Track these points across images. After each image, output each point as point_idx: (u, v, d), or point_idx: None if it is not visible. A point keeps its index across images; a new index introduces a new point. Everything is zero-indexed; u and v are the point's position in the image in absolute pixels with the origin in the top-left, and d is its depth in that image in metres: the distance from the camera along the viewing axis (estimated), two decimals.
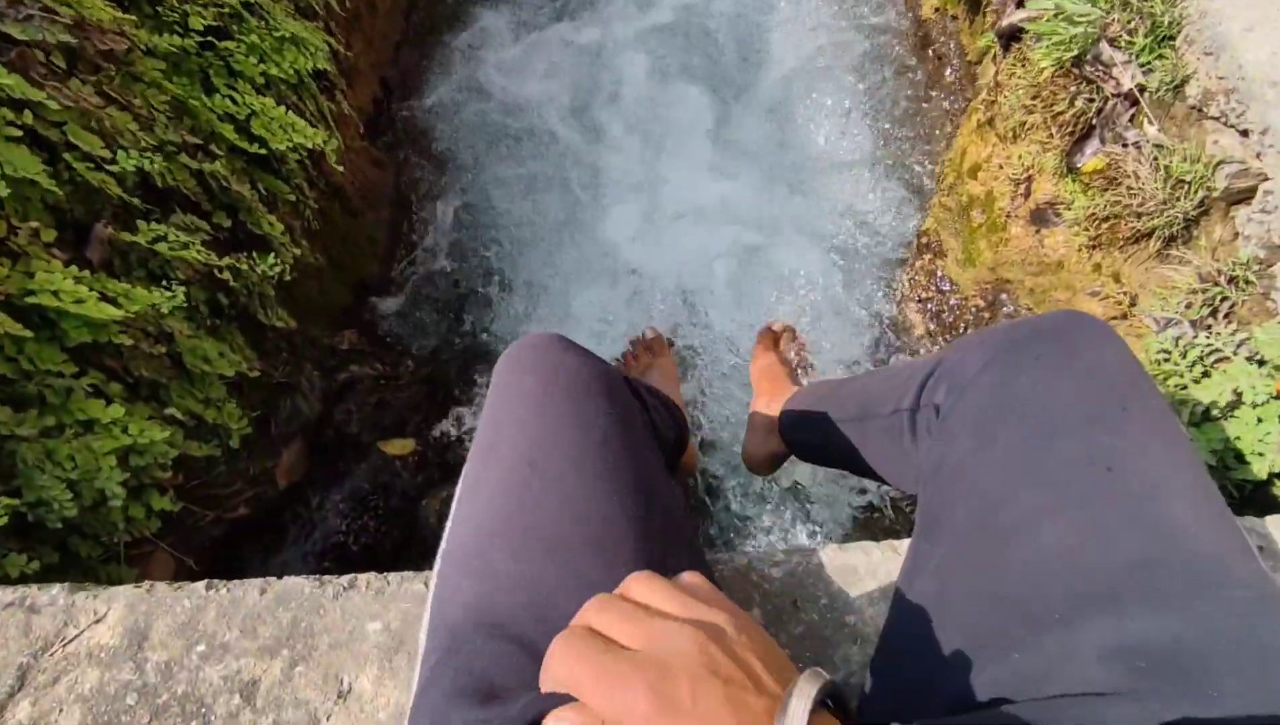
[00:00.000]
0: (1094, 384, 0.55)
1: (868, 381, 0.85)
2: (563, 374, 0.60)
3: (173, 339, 1.10)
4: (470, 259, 2.02)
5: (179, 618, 0.74)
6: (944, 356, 0.69)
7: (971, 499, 0.55)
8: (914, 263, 1.93)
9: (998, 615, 0.48)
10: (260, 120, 1.28)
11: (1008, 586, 0.49)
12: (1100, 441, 0.51)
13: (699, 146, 2.19)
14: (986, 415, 0.58)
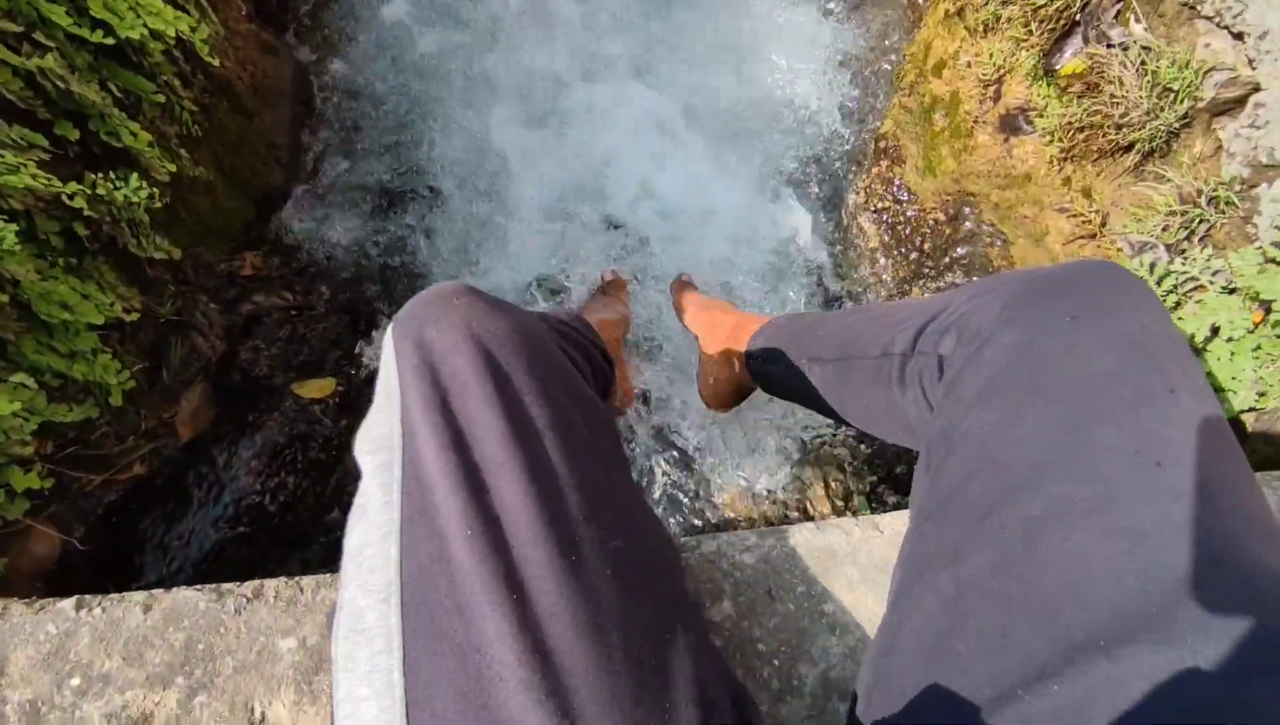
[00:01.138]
0: (1137, 358, 0.48)
1: (851, 318, 0.76)
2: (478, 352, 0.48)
3: (17, 284, 0.91)
4: (386, 160, 1.79)
5: (44, 646, 0.62)
6: (951, 300, 0.61)
7: (990, 479, 0.48)
8: (870, 169, 1.82)
9: (1028, 630, 0.42)
10: (102, 1, 1.03)
11: (1038, 594, 0.43)
12: (1147, 429, 0.45)
13: (636, 40, 1.96)
14: (1011, 382, 0.51)
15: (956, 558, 0.47)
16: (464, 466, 0.44)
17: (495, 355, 0.48)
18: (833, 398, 0.78)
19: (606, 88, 1.92)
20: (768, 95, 1.91)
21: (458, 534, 0.41)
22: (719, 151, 1.86)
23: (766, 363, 0.96)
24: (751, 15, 1.98)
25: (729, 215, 1.79)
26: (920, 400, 0.62)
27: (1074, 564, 0.42)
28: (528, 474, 0.43)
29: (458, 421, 0.45)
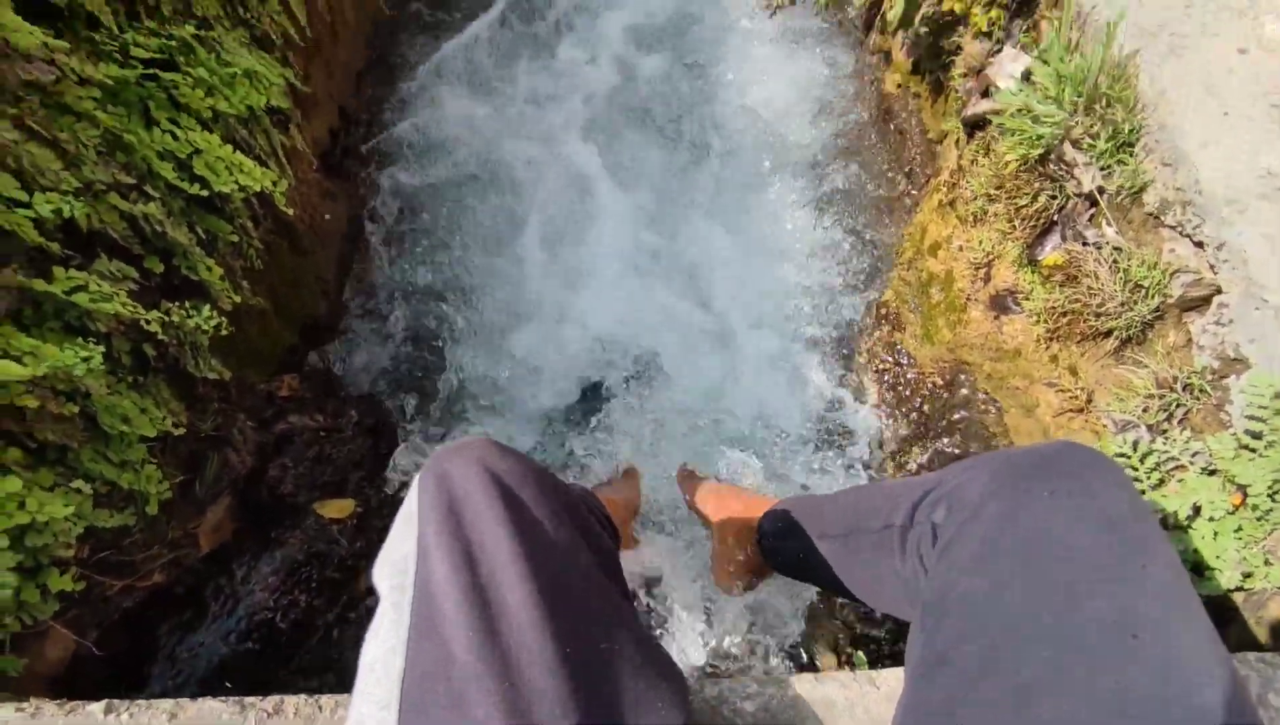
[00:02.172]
0: (1113, 535, 0.54)
1: (855, 496, 0.84)
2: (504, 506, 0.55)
3: (87, 396, 1.00)
4: (424, 301, 1.94)
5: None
6: (943, 477, 0.68)
7: (984, 643, 0.53)
8: (872, 333, 1.94)
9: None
10: (204, 159, 1.19)
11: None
12: (1124, 603, 0.50)
13: (660, 205, 2.17)
14: (997, 550, 0.56)
15: (951, 717, 0.51)
16: (472, 581, 0.49)
17: (507, 483, 0.55)
18: (841, 571, 0.83)
19: (636, 266, 2.08)
20: (779, 264, 2.07)
21: (460, 638, 0.46)
22: (732, 317, 1.99)
23: (777, 542, 1.02)
24: (768, 195, 2.19)
25: (741, 381, 1.89)
26: (918, 567, 0.68)
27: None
28: (532, 583, 0.49)
29: (469, 541, 0.52)
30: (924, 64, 1.90)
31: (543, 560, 0.52)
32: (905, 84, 2.07)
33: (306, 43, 1.89)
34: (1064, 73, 1.36)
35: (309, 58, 2.01)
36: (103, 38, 1.12)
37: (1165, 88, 1.28)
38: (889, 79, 2.13)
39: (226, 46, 1.32)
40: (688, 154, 2.26)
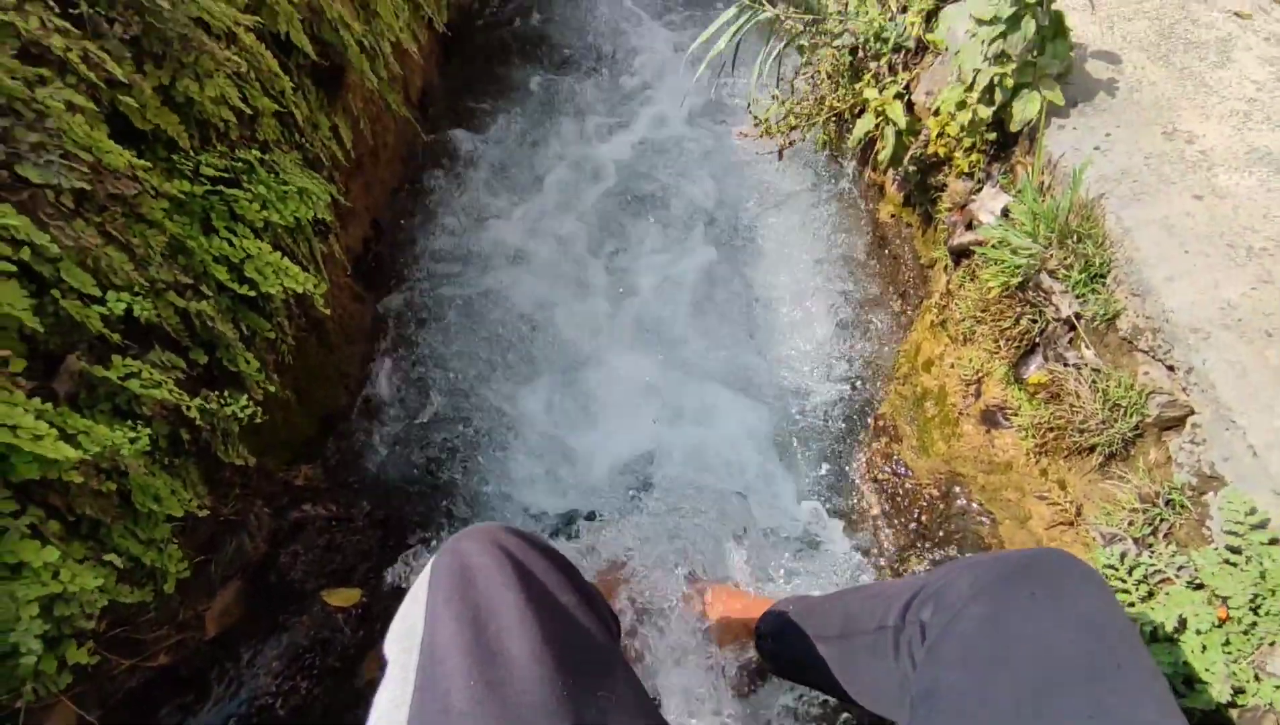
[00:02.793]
0: (1090, 637, 0.58)
1: (850, 598, 0.88)
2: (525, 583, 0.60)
3: (124, 475, 1.07)
4: (440, 401, 2.03)
5: None
6: (930, 579, 0.72)
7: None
8: (871, 444, 2.00)
9: None
10: (254, 263, 1.32)
11: None
12: (1099, 700, 0.54)
13: (665, 324, 2.29)
14: (981, 651, 0.60)
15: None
16: (476, 638, 0.54)
17: (518, 556, 0.61)
18: (838, 672, 0.86)
19: (644, 375, 2.19)
20: (781, 376, 2.16)
21: (459, 689, 0.50)
22: (736, 425, 2.07)
23: (776, 643, 1.05)
24: (770, 312, 2.31)
25: (744, 485, 1.94)
26: (909, 666, 0.72)
27: None
28: (538, 637, 0.53)
29: (478, 605, 0.57)
30: (914, 198, 2.07)
31: (549, 619, 0.57)
32: (898, 214, 2.24)
33: (350, 163, 2.08)
34: (1037, 211, 1.49)
35: (350, 176, 2.21)
36: (179, 158, 1.27)
37: (1130, 227, 1.40)
38: (883, 209, 2.30)
39: (283, 167, 1.48)
40: (693, 269, 2.40)
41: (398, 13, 2.30)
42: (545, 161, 2.78)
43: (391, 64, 2.32)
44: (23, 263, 0.95)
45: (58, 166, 0.98)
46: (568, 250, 2.46)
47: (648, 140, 2.84)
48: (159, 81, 1.26)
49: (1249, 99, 1.57)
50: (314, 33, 1.86)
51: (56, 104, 1.02)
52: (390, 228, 2.56)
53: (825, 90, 2.24)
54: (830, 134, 2.29)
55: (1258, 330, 1.23)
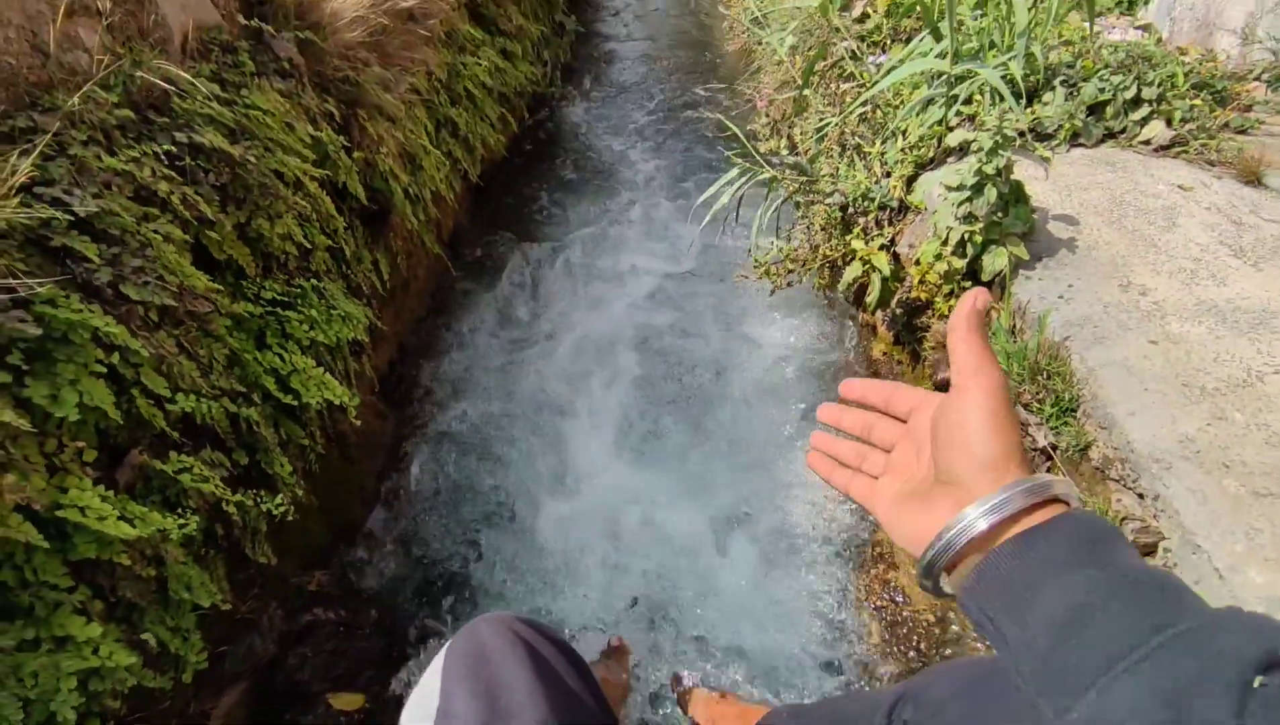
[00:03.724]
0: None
1: (840, 703, 0.93)
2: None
3: (163, 563, 1.15)
4: (450, 517, 2.11)
5: None
6: (911, 682, 0.79)
7: None
8: (869, 571, 2.04)
9: None
10: (299, 377, 1.46)
11: None
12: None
13: (666, 456, 2.40)
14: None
15: None
16: (490, 709, 0.61)
17: (529, 639, 0.69)
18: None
19: (644, 504, 2.29)
20: (780, 503, 2.24)
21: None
22: (737, 548, 2.12)
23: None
24: (771, 444, 2.43)
25: (744, 603, 1.97)
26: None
27: None
28: (548, 711, 0.61)
29: (491, 679, 0.64)
30: (902, 337, 2.24)
31: (557, 696, 0.65)
32: (889, 352, 2.40)
33: (385, 292, 2.29)
34: (1009, 351, 1.64)
35: (385, 303, 2.41)
36: (246, 284, 1.45)
37: (1094, 367, 1.54)
38: (875, 347, 2.47)
39: (331, 294, 1.67)
40: (695, 404, 2.54)
41: (439, 166, 2.61)
42: (559, 303, 3.01)
43: (430, 208, 2.60)
44: (111, 366, 1.10)
45: (153, 287, 1.16)
46: (577, 386, 2.62)
47: (656, 284, 3.08)
48: (237, 220, 1.47)
49: (1194, 258, 1.76)
50: (366, 181, 2.13)
51: (156, 236, 1.21)
52: (414, 352, 2.75)
53: (819, 240, 2.48)
54: (825, 278, 2.51)
55: (1215, 462, 1.33)
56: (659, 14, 6.43)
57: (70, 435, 1.08)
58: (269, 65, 1.73)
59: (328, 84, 1.98)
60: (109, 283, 1.11)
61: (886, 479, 0.49)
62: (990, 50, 2.25)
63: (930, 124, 2.20)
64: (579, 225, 3.51)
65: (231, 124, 1.49)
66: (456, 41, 3.00)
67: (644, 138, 4.31)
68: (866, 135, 2.50)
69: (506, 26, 3.51)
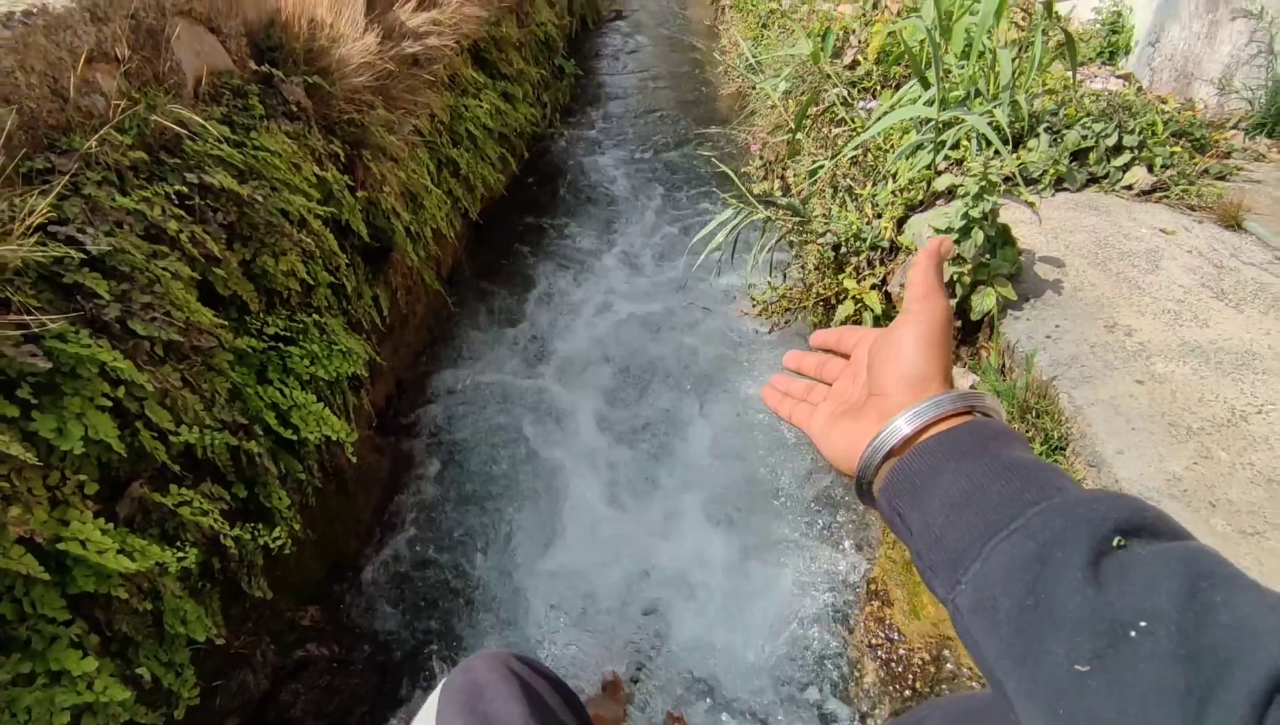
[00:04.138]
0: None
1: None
2: None
3: (159, 598, 1.16)
4: (445, 555, 2.11)
5: None
6: (903, 719, 0.80)
7: None
8: (864, 608, 2.04)
9: None
10: (299, 412, 1.48)
11: None
12: None
13: (660, 498, 2.41)
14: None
15: None
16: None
17: (524, 676, 0.70)
18: None
19: (641, 548, 2.29)
20: (776, 547, 2.24)
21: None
22: (731, 589, 2.12)
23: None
24: (766, 487, 2.44)
25: (737, 641, 1.97)
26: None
27: None
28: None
29: (486, 714, 0.65)
30: None
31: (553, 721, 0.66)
32: None
33: (384, 328, 2.32)
34: (999, 389, 1.67)
35: (383, 338, 2.44)
36: (250, 319, 1.48)
37: (1081, 406, 1.57)
38: None
39: (333, 329, 1.70)
40: (688, 448, 2.56)
41: (440, 205, 2.66)
42: (556, 340, 3.04)
43: (430, 246, 2.65)
44: (117, 400, 1.12)
45: (160, 322, 1.18)
46: (572, 425, 2.64)
47: (651, 321, 3.12)
48: (243, 256, 1.51)
49: (1178, 300, 1.80)
50: (369, 219, 2.18)
51: (165, 273, 1.24)
52: (412, 388, 2.77)
53: (813, 279, 2.53)
54: (819, 316, 2.55)
55: (1202, 500, 1.35)
56: (656, 59, 6.61)
57: (73, 468, 1.09)
58: (278, 108, 1.78)
59: (334, 126, 2.04)
60: (117, 318, 1.13)
61: (824, 404, 0.52)
62: (976, 98, 2.33)
63: (919, 168, 2.27)
64: (577, 263, 3.57)
65: (240, 165, 1.53)
66: (459, 85, 3.09)
67: (641, 177, 4.40)
68: (858, 178, 2.57)
69: (507, 70, 3.61)
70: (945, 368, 0.45)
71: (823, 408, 0.51)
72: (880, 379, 0.46)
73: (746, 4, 5.27)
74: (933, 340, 0.45)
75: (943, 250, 0.47)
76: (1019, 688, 0.33)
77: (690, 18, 7.98)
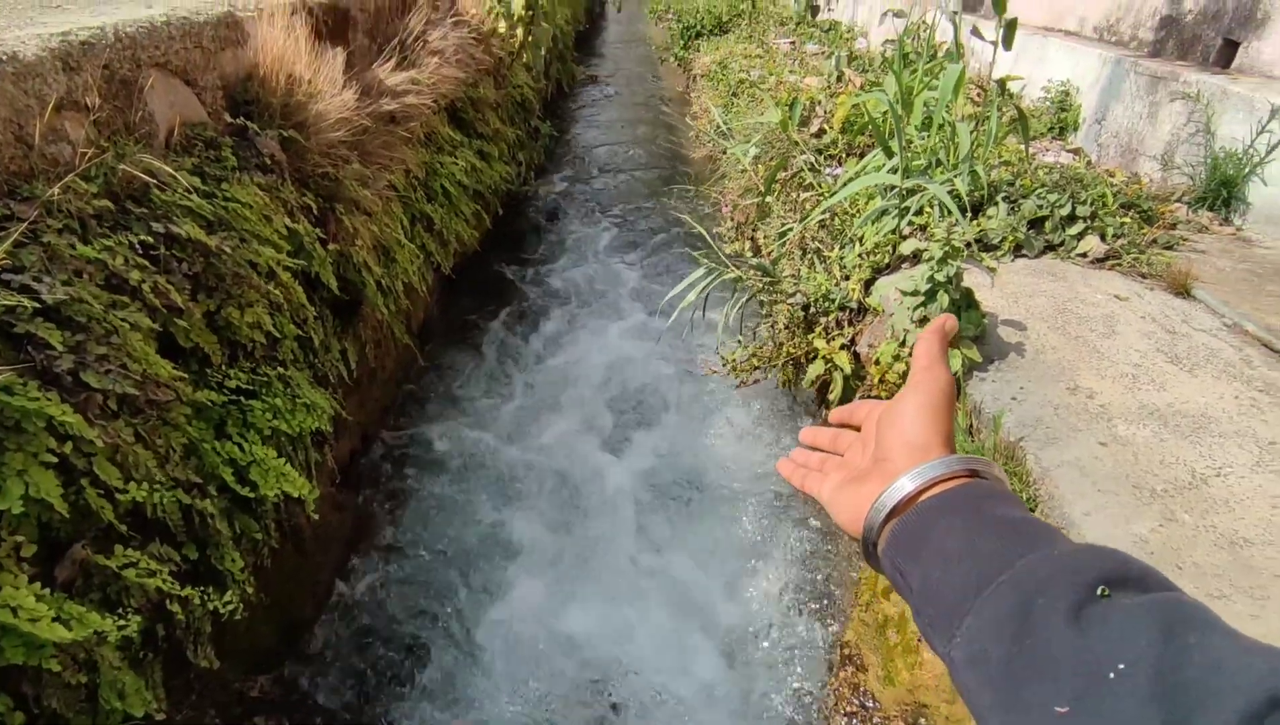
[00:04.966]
0: None
1: None
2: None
3: (96, 670, 1.08)
4: (403, 625, 2.02)
5: None
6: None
7: None
8: (838, 673, 1.99)
9: None
10: (259, 468, 1.43)
11: None
12: None
13: (623, 561, 2.37)
14: None
15: None
16: None
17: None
18: None
19: (605, 610, 2.24)
20: (749, 604, 2.20)
21: None
22: (704, 654, 2.07)
23: None
24: (740, 542, 2.41)
25: (706, 707, 1.90)
26: None
27: None
28: None
29: None
30: None
31: None
32: None
33: (352, 381, 2.27)
34: (967, 449, 1.68)
35: (350, 392, 2.39)
36: (212, 372, 1.44)
37: (1048, 467, 1.59)
38: None
39: (298, 383, 1.66)
40: (665, 502, 2.53)
41: (413, 259, 2.65)
42: (524, 396, 3.02)
43: (401, 299, 2.63)
44: (63, 456, 1.07)
45: (115, 375, 1.14)
46: (535, 484, 2.59)
47: (619, 378, 3.11)
48: (207, 307, 1.47)
49: (1135, 364, 1.85)
50: (340, 272, 2.16)
51: (124, 324, 1.20)
52: (378, 442, 2.70)
53: (783, 338, 2.56)
54: (789, 374, 2.57)
55: (1169, 564, 1.36)
56: (630, 123, 6.80)
57: (10, 528, 1.03)
58: (251, 160, 1.77)
59: (308, 179, 2.03)
60: (69, 370, 1.09)
61: (835, 473, 0.54)
62: (938, 167, 2.43)
63: (885, 232, 2.33)
64: (547, 318, 3.57)
65: (210, 215, 1.51)
66: (436, 142, 3.13)
67: (613, 235, 4.46)
68: (826, 241, 2.64)
69: (484, 129, 3.67)
70: (947, 434, 0.47)
71: (833, 476, 0.53)
72: (885, 445, 0.48)
73: (717, 74, 5.47)
74: (935, 408, 0.47)
75: (947, 327, 0.50)
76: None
77: (663, 85, 8.27)
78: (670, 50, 8.11)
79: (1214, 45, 2.81)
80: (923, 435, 0.46)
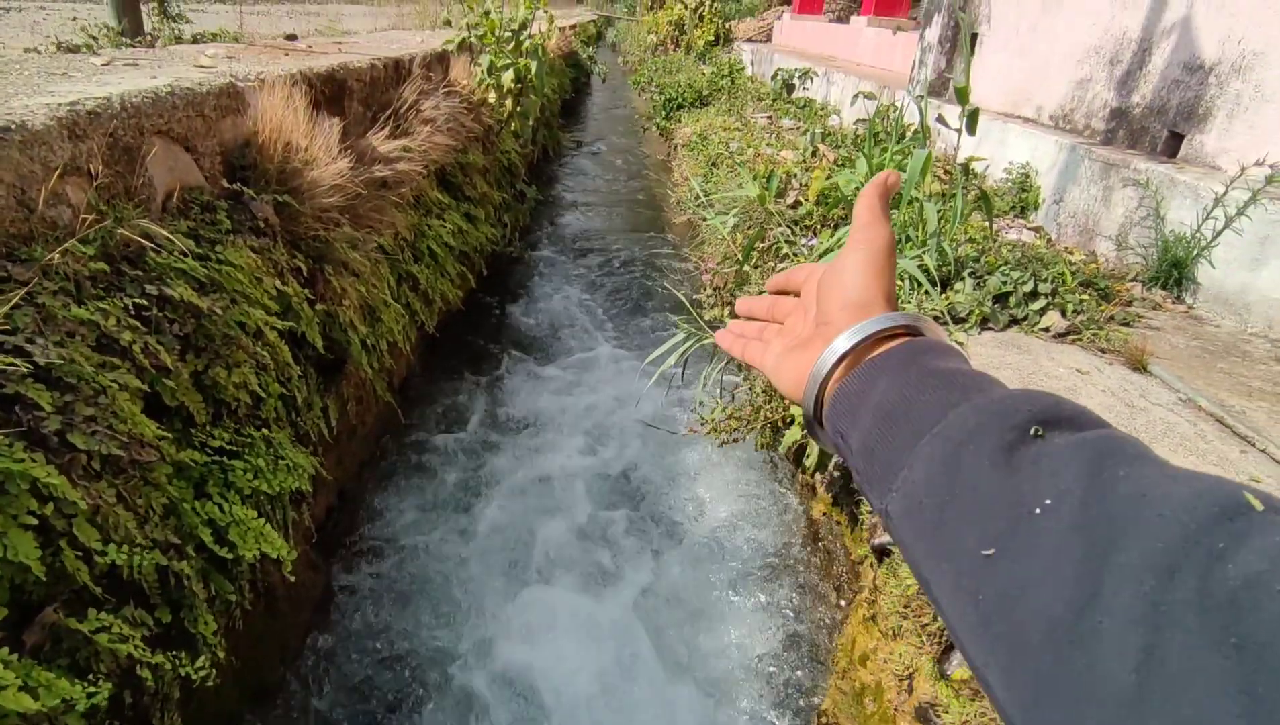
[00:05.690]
0: None
1: None
2: None
3: None
4: (372, 693, 1.98)
5: None
6: None
7: None
8: None
9: None
10: (238, 528, 1.43)
11: None
12: None
13: (603, 622, 2.36)
14: None
15: None
16: None
17: None
18: None
19: (583, 673, 2.22)
20: (726, 669, 2.19)
21: None
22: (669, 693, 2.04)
23: None
24: (714, 602, 2.41)
25: None
26: None
27: None
28: None
29: None
30: (840, 499, 2.32)
31: None
32: (828, 512, 2.47)
33: (332, 439, 2.28)
34: None
35: (329, 449, 2.39)
36: (196, 432, 1.44)
37: None
38: (815, 507, 2.53)
39: (280, 442, 1.66)
40: (644, 561, 2.53)
41: (398, 318, 2.69)
42: (501, 455, 3.03)
43: (385, 358, 2.65)
44: (43, 517, 1.07)
45: (101, 436, 1.15)
46: (513, 543, 2.59)
47: (598, 440, 3.14)
48: (195, 367, 1.49)
49: None
50: (326, 332, 2.18)
51: (113, 385, 1.22)
52: (354, 500, 2.68)
53: (760, 402, 2.61)
54: (766, 438, 2.61)
55: None
56: (613, 188, 7.00)
57: None
58: (245, 223, 1.82)
59: (299, 241, 2.08)
60: (57, 431, 1.10)
61: (777, 341, 0.52)
62: (907, 243, 2.54)
63: None
64: (528, 376, 3.60)
65: (203, 277, 1.55)
66: (424, 205, 3.21)
67: (594, 297, 4.55)
68: None
69: (471, 193, 3.77)
70: (888, 292, 0.46)
71: (775, 343, 0.52)
72: (826, 307, 0.47)
73: (698, 144, 5.69)
74: (875, 266, 0.46)
75: (889, 182, 0.49)
76: (943, 583, 0.33)
77: (646, 153, 8.54)
78: (653, 120, 8.41)
79: (1161, 136, 3.01)
80: (864, 294, 0.45)
